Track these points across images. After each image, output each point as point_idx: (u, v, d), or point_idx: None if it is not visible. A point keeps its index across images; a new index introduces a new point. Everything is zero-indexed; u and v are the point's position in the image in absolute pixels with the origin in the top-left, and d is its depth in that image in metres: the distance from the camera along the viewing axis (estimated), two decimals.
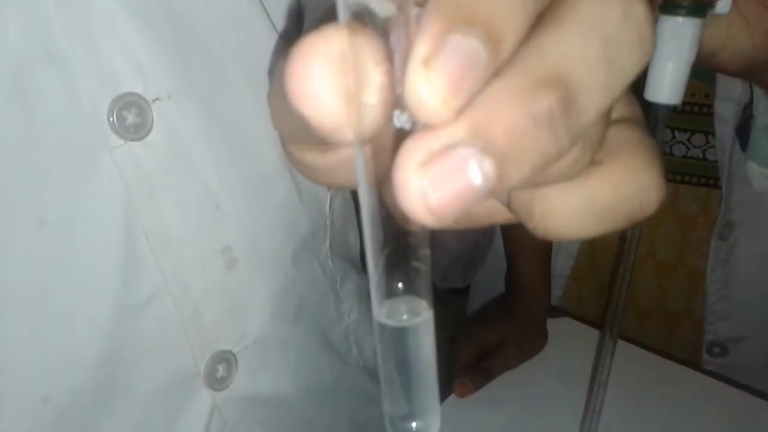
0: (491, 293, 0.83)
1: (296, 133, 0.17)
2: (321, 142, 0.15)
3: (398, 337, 0.15)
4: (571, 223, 0.15)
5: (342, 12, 0.12)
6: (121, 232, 0.33)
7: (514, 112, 0.12)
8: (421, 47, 0.12)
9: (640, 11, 0.13)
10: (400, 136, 0.13)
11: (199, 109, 0.35)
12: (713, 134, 0.68)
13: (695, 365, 0.76)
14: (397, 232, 0.14)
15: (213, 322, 0.39)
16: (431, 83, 0.12)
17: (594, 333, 0.77)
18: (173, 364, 0.38)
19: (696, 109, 0.69)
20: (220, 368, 0.40)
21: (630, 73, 0.13)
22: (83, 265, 0.33)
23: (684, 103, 0.70)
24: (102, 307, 0.34)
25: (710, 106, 0.67)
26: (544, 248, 0.79)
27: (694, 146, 0.71)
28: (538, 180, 0.14)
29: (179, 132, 0.34)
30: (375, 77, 0.12)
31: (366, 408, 0.53)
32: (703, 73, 0.66)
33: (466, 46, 0.12)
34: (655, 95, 0.38)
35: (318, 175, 0.19)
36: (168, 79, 0.34)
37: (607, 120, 0.15)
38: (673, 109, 0.39)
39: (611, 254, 0.80)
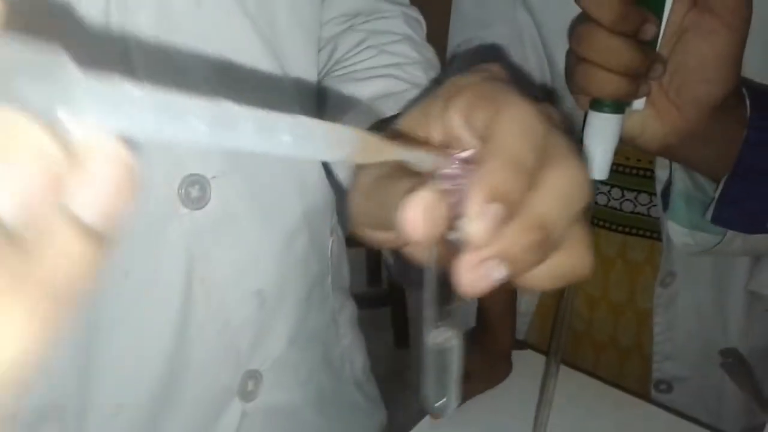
0: (463, 327, 0.93)
1: (373, 224, 0.29)
2: (392, 231, 0.26)
3: (441, 354, 0.27)
4: (539, 284, 0.26)
5: (433, 181, 0.25)
6: (183, 279, 0.43)
7: (518, 243, 0.24)
8: (474, 208, 0.23)
9: (585, 177, 0.26)
10: (452, 244, 0.25)
11: (245, 182, 0.45)
12: (656, 194, 0.79)
13: (646, 396, 0.85)
14: (442, 294, 0.27)
15: (246, 348, 0.49)
16: (478, 228, 0.23)
17: None
18: (214, 381, 0.47)
19: (642, 172, 0.80)
20: (250, 384, 0.50)
21: (580, 206, 0.26)
22: (154, 304, 0.42)
23: (632, 167, 0.81)
24: (165, 336, 0.43)
25: (653, 170, 0.78)
26: (511, 290, 0.90)
27: (641, 204, 0.82)
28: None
29: (230, 202, 0.44)
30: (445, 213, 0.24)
31: (355, 415, 0.63)
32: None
33: (495, 211, 0.23)
34: (588, 173, 0.49)
35: (380, 242, 0.30)
36: (223, 161, 0.43)
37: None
38: (601, 182, 0.50)
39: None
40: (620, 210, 0.83)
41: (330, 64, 0.55)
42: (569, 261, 0.26)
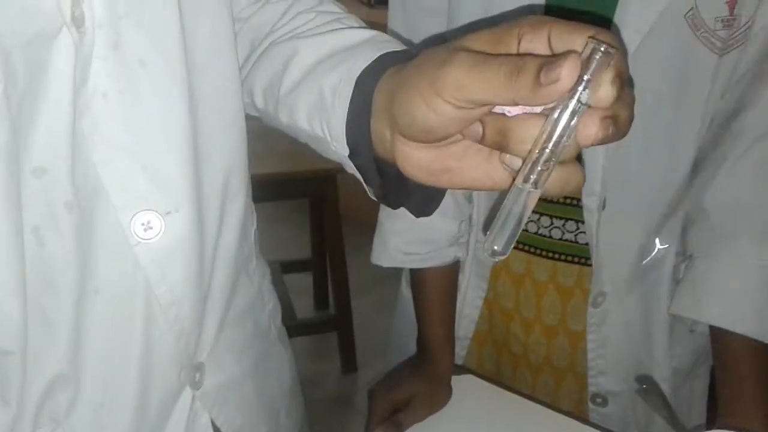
0: (405, 354, 0.95)
1: (473, 97, 0.35)
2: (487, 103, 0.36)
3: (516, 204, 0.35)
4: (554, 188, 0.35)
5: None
6: (143, 298, 0.49)
7: (626, 112, 0.34)
8: (610, 77, 0.33)
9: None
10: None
11: (194, 216, 0.50)
12: (583, 222, 0.83)
13: (580, 417, 0.89)
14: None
15: (193, 346, 0.55)
16: (611, 91, 0.33)
17: (492, 389, 0.89)
18: (169, 375, 0.54)
19: (568, 201, 0.85)
20: (197, 375, 0.56)
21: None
22: (123, 318, 0.49)
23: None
24: (134, 343, 0.50)
25: (579, 199, 0.83)
26: (449, 316, 0.92)
27: (568, 231, 0.86)
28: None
29: (181, 234, 0.49)
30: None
31: (282, 365, 0.71)
32: None
33: (620, 83, 0.33)
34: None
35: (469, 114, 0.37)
36: (176, 198, 0.48)
37: None
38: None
39: (507, 321, 0.94)
40: (549, 237, 0.87)
41: (260, 37, 0.57)
42: (570, 174, 0.35)
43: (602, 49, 0.31)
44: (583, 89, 0.32)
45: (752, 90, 0.78)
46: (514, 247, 0.85)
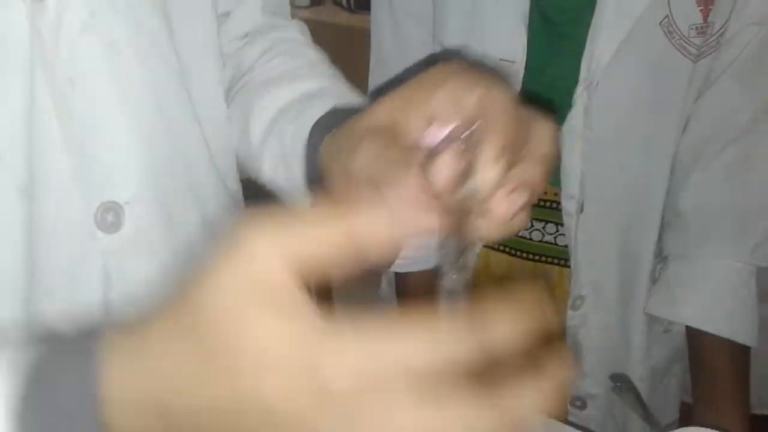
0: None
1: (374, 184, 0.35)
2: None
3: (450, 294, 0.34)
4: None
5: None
6: (101, 296, 0.47)
7: (534, 174, 0.34)
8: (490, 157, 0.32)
9: (553, 125, 0.37)
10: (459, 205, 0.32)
11: (155, 204, 0.48)
12: (562, 224, 0.85)
13: (561, 418, 0.89)
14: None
15: None
16: (495, 174, 0.32)
17: None
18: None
19: (548, 204, 0.86)
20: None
21: (554, 145, 0.36)
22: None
23: (540, 199, 0.86)
24: None
25: (558, 202, 0.84)
26: None
27: (548, 233, 0.87)
28: None
29: (142, 225, 0.47)
30: None
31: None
32: (552, 177, 0.83)
33: (507, 158, 0.33)
34: None
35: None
36: (136, 186, 0.47)
37: None
38: None
39: None
40: (530, 239, 0.88)
41: (239, 74, 0.58)
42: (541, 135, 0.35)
43: (462, 137, 0.33)
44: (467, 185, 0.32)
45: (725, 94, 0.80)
46: (495, 249, 0.88)
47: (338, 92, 0.52)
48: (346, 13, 2.42)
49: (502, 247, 0.90)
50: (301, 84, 0.53)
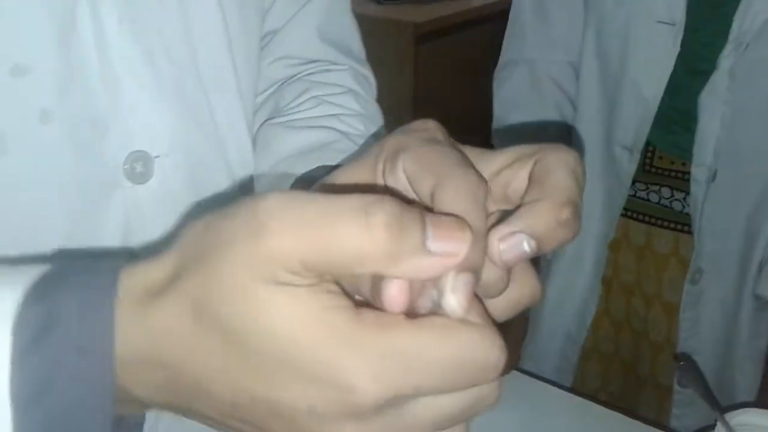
0: None
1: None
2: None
3: None
4: (499, 315, 0.28)
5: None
6: (119, 245, 0.44)
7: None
8: (452, 283, 0.24)
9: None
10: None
11: (185, 162, 0.47)
12: (680, 190, 0.83)
13: (662, 425, 0.85)
14: None
15: None
16: (460, 301, 0.23)
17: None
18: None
19: (673, 174, 0.84)
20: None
21: None
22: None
23: (677, 171, 0.84)
24: None
25: (686, 172, 0.82)
26: None
27: (664, 197, 0.85)
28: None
29: (169, 180, 0.46)
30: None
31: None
32: (684, 151, 0.82)
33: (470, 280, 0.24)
34: None
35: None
36: (168, 140, 0.45)
37: None
38: None
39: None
40: (671, 208, 0.86)
41: (276, 112, 0.57)
42: (523, 291, 0.28)
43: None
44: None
45: None
46: (633, 218, 0.86)
47: (336, 149, 0.51)
48: (374, 5, 2.39)
49: (641, 217, 0.88)
50: (303, 135, 0.52)
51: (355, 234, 0.22)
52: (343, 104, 0.55)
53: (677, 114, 0.81)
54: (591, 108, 0.86)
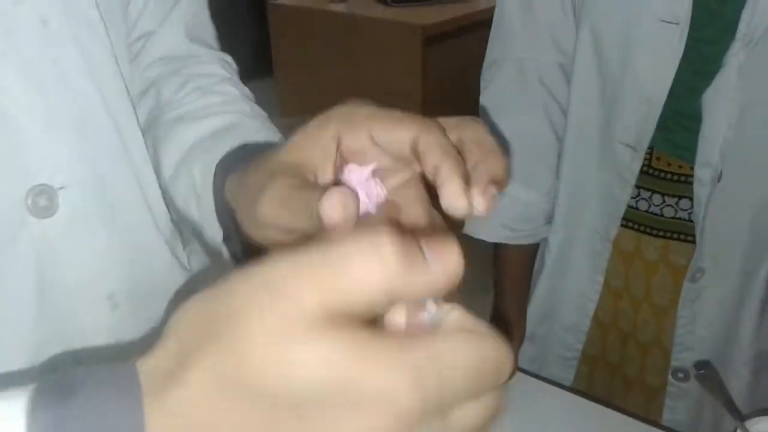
0: None
1: (284, 227, 0.34)
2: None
3: None
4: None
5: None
6: (34, 285, 0.44)
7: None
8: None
9: None
10: None
11: (94, 192, 0.47)
12: (672, 195, 0.83)
13: (653, 421, 0.86)
14: None
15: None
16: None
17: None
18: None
19: (683, 179, 0.83)
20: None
21: None
22: (7, 311, 0.44)
23: (673, 173, 0.83)
24: (23, 335, 0.45)
25: (683, 174, 0.82)
26: (525, 292, 0.93)
27: (682, 209, 0.84)
28: None
29: (79, 210, 0.45)
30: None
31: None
32: (684, 151, 0.81)
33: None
34: None
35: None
36: (70, 171, 0.45)
37: None
38: None
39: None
40: (662, 216, 0.85)
41: (157, 108, 0.58)
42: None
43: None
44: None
45: None
46: (623, 225, 0.86)
47: (250, 128, 0.52)
48: (382, 7, 2.40)
49: (630, 224, 0.88)
50: (210, 121, 0.53)
51: (370, 270, 0.22)
52: (225, 92, 0.58)
53: (677, 114, 0.80)
54: (587, 106, 0.85)
